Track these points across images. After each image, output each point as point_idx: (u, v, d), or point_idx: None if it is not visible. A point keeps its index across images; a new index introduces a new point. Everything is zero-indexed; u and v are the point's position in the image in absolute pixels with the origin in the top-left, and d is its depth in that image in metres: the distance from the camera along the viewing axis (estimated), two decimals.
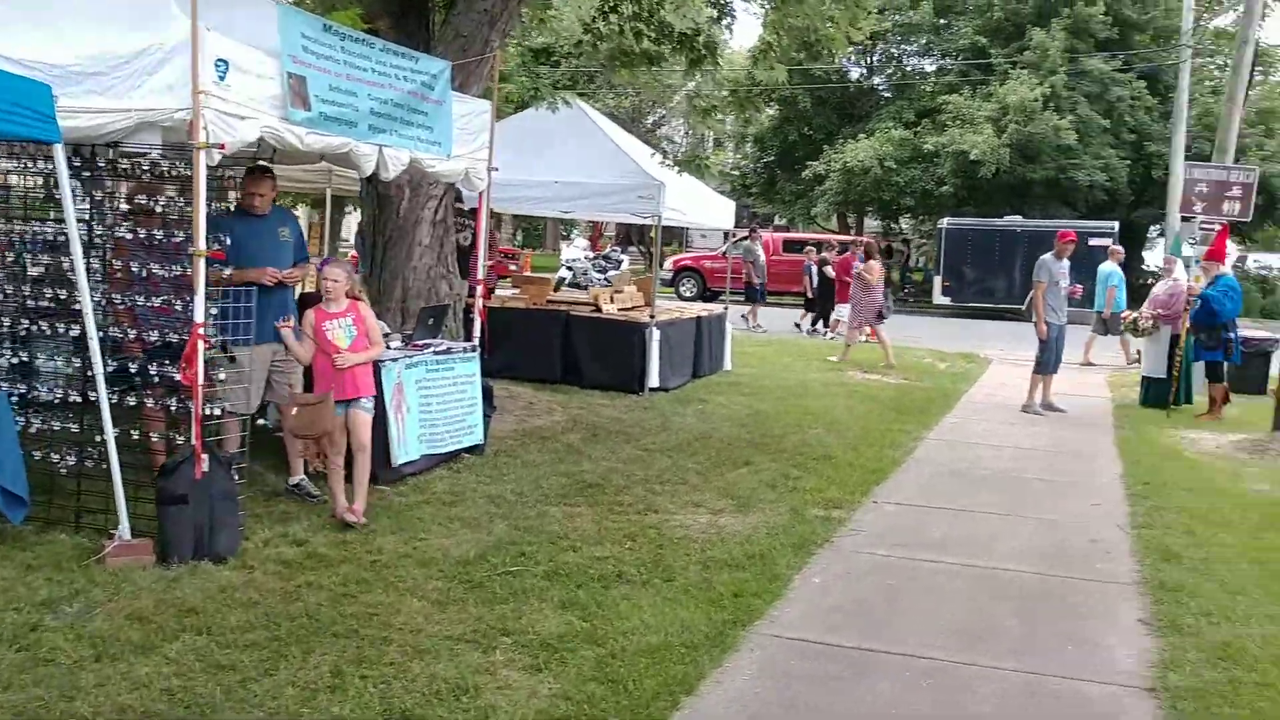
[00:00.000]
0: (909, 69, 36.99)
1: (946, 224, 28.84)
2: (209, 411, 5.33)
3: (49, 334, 5.66)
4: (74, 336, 5.51)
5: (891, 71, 37.12)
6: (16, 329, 5.73)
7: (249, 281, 6.09)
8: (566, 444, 8.52)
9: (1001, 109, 29.13)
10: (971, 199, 31.04)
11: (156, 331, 5.53)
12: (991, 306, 27.65)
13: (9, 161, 5.70)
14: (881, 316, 15.69)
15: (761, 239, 23.06)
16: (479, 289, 8.24)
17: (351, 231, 21.68)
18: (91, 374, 5.27)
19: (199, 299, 5.19)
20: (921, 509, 7.31)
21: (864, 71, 37.31)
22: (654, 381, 11.23)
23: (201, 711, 3.73)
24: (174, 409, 5.51)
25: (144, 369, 5.55)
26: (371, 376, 6.29)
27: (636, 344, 11.20)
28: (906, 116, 32.97)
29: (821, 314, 20.39)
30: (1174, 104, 22.24)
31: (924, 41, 35.97)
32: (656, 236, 13.10)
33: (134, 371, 5.56)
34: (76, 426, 5.65)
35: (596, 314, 11.69)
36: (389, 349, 7.00)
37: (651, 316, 11.41)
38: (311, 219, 23.16)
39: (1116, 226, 26.40)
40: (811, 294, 20.86)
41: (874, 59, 37.32)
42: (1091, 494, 7.98)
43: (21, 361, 5.74)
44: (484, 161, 7.74)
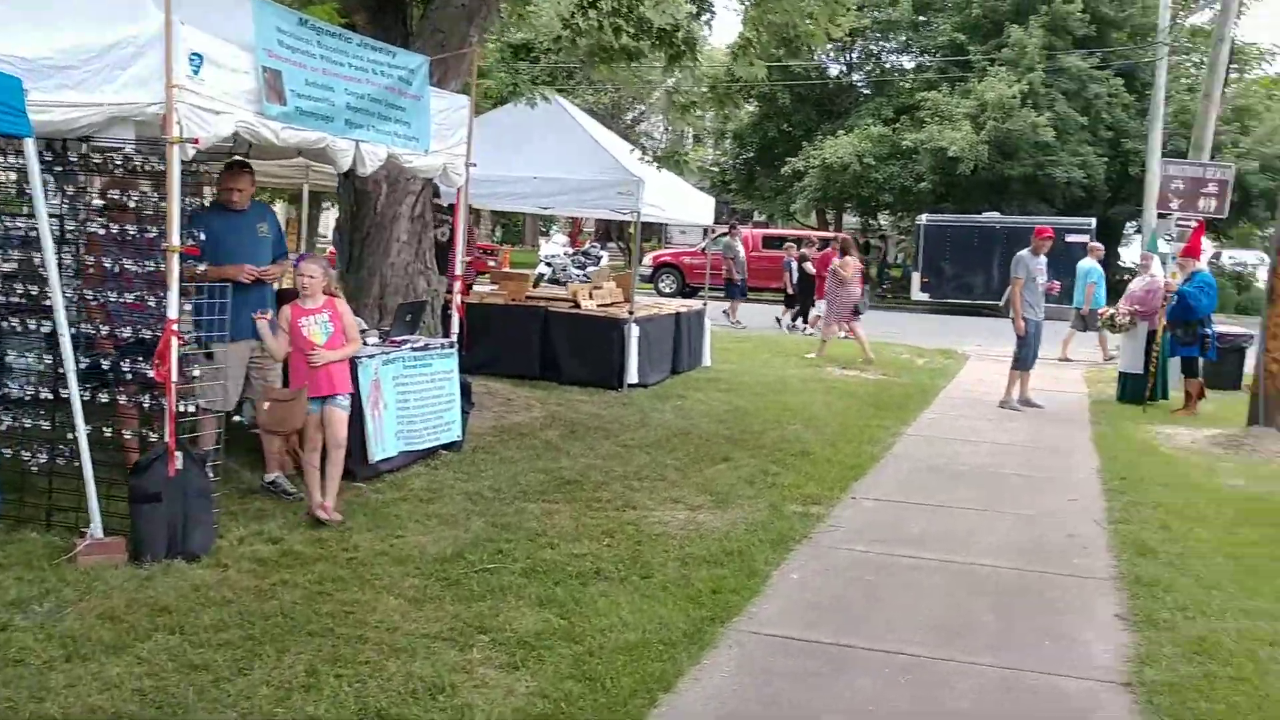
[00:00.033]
0: (888, 66, 37.13)
1: (925, 220, 28.95)
2: (183, 408, 5.28)
3: (20, 330, 5.60)
4: (46, 333, 5.45)
5: (871, 68, 37.22)
6: None
7: (225, 278, 6.03)
8: (545, 440, 8.50)
9: (980, 106, 29.27)
10: (950, 195, 31.19)
11: (130, 328, 5.48)
12: (970, 303, 27.77)
13: None
14: (857, 312, 15.76)
15: (741, 235, 23.08)
16: (457, 285, 8.20)
17: (330, 227, 21.58)
18: (63, 371, 5.21)
19: (172, 295, 5.14)
20: (900, 505, 7.33)
21: (843, 68, 37.42)
22: (633, 378, 11.22)
23: (174, 712, 3.69)
24: (147, 406, 5.46)
25: (117, 365, 5.49)
26: (348, 374, 6.24)
27: (615, 340, 11.18)
28: (885, 113, 33.11)
29: (802, 310, 20.44)
30: (1151, 101, 22.40)
31: (903, 38, 36.15)
32: (635, 232, 13.10)
33: (106, 368, 5.51)
34: (48, 424, 5.59)
35: (575, 310, 11.65)
36: (366, 345, 6.96)
37: (630, 312, 11.39)
38: (289, 215, 23.00)
39: (1093, 223, 26.65)
40: (792, 290, 20.89)
41: (853, 56, 37.45)
42: (1068, 489, 8.02)
43: None
44: (462, 157, 7.70)
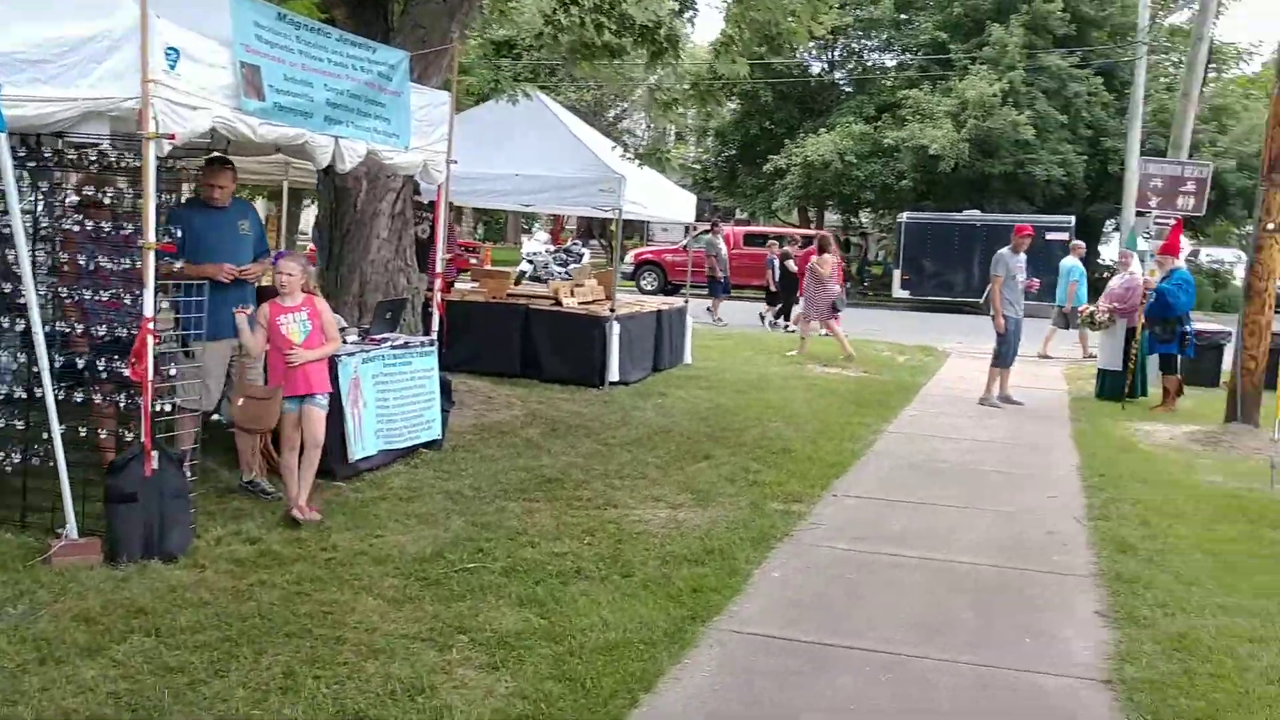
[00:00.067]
0: (870, 64, 37.18)
1: (906, 218, 29.02)
2: (159, 407, 5.23)
3: None
4: (20, 331, 5.38)
5: (852, 66, 37.28)
6: None
7: (204, 276, 5.98)
8: (525, 439, 8.47)
9: (961, 104, 29.35)
10: (931, 193, 31.28)
11: (105, 326, 5.41)
12: (950, 300, 27.89)
13: None
14: (835, 309, 15.79)
15: (723, 233, 23.08)
16: (438, 282, 8.16)
17: (310, 224, 21.44)
18: (38, 369, 5.15)
19: (148, 292, 5.08)
20: (881, 502, 7.34)
21: (825, 66, 37.45)
22: (614, 375, 11.20)
23: (149, 715, 3.65)
24: (123, 405, 5.40)
25: (92, 364, 5.43)
26: (326, 373, 6.19)
27: (597, 338, 11.16)
28: (867, 111, 33.15)
29: (784, 308, 20.45)
30: (1130, 100, 22.50)
31: (885, 37, 36.20)
32: (617, 230, 13.07)
33: (82, 367, 5.44)
34: (22, 423, 5.52)
35: (557, 307, 11.63)
36: (346, 343, 6.91)
37: (612, 310, 11.37)
38: (269, 211, 22.88)
39: (1073, 221, 26.76)
40: (774, 287, 20.91)
41: (835, 54, 37.49)
42: (1048, 486, 8.05)
43: None
44: (443, 154, 7.66)
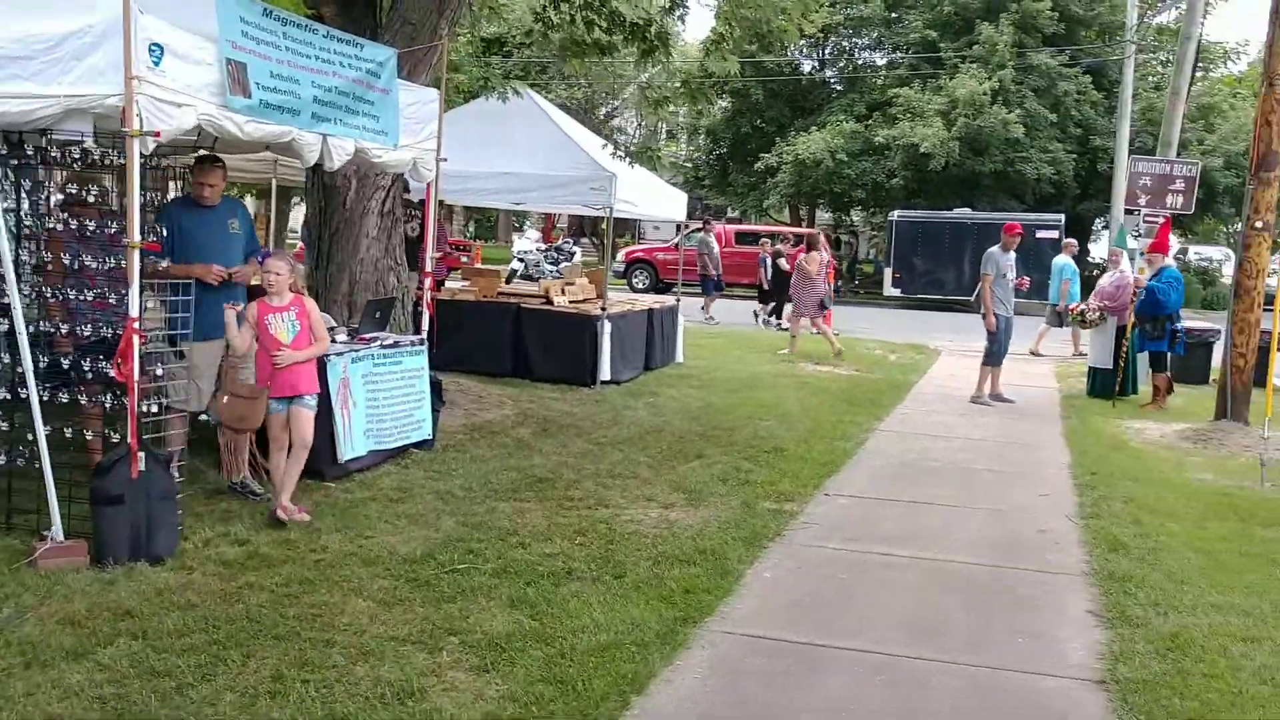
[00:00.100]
0: (860, 62, 37.24)
1: (897, 216, 29.07)
2: (146, 408, 5.18)
3: None
4: (3, 331, 5.32)
5: (843, 65, 37.33)
6: None
7: (191, 276, 5.92)
8: (516, 438, 8.43)
9: (951, 102, 29.40)
10: (921, 191, 31.33)
11: (90, 326, 5.36)
12: (941, 298, 27.94)
13: None
14: (823, 307, 15.80)
15: (715, 231, 23.06)
16: (428, 281, 8.11)
17: (299, 223, 21.35)
18: (22, 370, 5.10)
19: (133, 292, 5.03)
20: (873, 501, 7.32)
21: (816, 64, 37.49)
22: (605, 374, 11.16)
23: None
24: (110, 406, 5.34)
25: (78, 365, 5.37)
26: (315, 373, 6.13)
27: (588, 337, 11.12)
28: (858, 109, 33.21)
29: (777, 306, 20.45)
30: (1119, 99, 22.57)
31: (875, 35, 36.22)
32: (608, 228, 13.03)
33: (67, 367, 5.39)
34: (7, 424, 5.47)
35: (548, 306, 11.59)
36: (335, 343, 6.86)
37: (603, 309, 11.34)
38: (257, 210, 22.77)
39: (1063, 219, 26.84)
40: (767, 286, 20.91)
41: (826, 52, 37.54)
42: (1040, 484, 8.04)
43: None
44: (432, 152, 7.61)
